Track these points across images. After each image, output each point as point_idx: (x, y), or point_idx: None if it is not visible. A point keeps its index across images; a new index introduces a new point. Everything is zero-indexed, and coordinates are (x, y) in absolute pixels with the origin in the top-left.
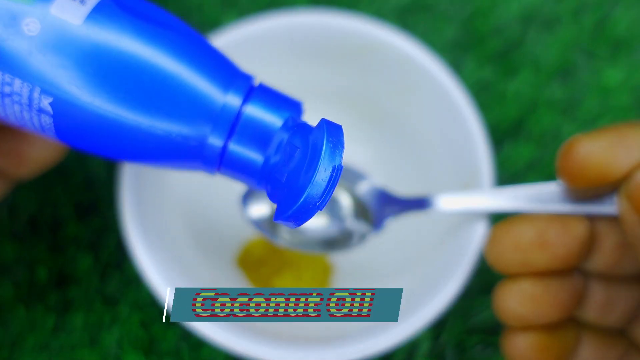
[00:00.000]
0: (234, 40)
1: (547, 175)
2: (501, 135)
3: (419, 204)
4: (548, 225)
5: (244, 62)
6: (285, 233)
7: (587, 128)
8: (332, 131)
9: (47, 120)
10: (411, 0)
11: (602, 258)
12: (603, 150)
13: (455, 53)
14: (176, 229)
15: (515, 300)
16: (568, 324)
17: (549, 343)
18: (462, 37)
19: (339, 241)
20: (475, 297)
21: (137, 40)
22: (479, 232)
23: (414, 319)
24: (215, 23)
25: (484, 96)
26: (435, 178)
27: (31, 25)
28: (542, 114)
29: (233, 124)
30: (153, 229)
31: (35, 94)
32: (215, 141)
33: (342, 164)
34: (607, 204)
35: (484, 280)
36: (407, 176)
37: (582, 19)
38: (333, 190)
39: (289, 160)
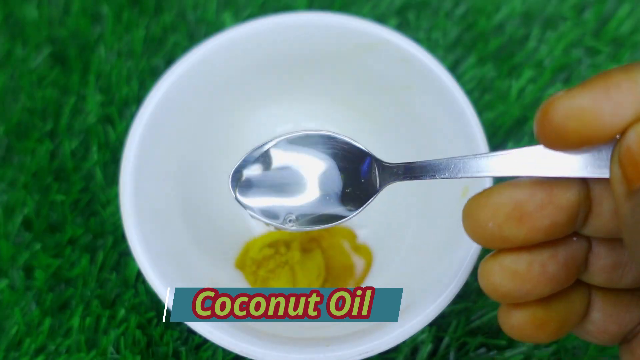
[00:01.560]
0: (234, 40)
1: None
2: (504, 134)
3: (407, 172)
4: (529, 195)
5: (244, 63)
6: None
7: None
8: None
9: None
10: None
11: (600, 223)
12: (585, 108)
13: (458, 51)
14: (176, 230)
15: (498, 277)
16: (572, 290)
17: (545, 317)
18: (464, 35)
19: (332, 214)
20: (478, 299)
21: None
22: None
23: (414, 321)
24: (212, 22)
25: (486, 95)
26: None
27: None
28: None
29: None
30: (153, 229)
31: None
32: None
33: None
34: (602, 163)
35: None
36: None
37: (584, 16)
38: None
39: None
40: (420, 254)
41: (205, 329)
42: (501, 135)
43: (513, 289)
